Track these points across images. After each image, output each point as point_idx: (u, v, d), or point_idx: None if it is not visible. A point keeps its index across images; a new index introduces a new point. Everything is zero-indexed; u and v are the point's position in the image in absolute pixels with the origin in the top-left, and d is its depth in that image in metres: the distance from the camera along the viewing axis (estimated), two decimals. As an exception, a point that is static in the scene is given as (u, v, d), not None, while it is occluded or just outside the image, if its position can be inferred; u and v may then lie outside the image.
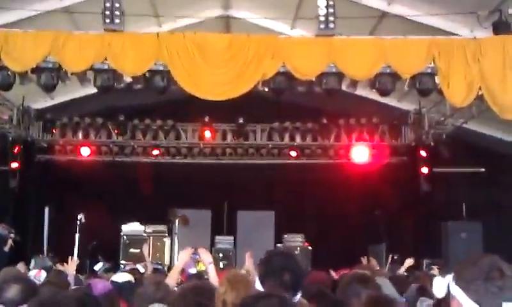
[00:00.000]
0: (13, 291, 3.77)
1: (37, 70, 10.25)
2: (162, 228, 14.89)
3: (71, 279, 6.72)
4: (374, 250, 13.89)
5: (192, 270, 9.14)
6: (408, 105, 15.13)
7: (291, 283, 3.64)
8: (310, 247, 14.90)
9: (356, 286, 3.95)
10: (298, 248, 14.82)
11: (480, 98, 10.23)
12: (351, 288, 3.96)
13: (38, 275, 6.70)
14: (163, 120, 15.47)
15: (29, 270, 8.68)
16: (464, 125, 13.71)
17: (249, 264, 6.34)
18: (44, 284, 5.67)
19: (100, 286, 4.50)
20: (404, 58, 10.17)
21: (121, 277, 6.20)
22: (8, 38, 10.03)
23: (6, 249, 12.24)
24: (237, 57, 10.22)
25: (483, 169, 14.56)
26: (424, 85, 10.35)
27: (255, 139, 15.87)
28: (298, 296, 3.72)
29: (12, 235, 12.46)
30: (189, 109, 13.60)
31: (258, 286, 3.70)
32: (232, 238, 15.19)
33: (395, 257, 12.32)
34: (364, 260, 10.48)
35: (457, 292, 2.42)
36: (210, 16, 13.73)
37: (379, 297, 2.88)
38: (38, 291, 4.05)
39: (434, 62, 10.09)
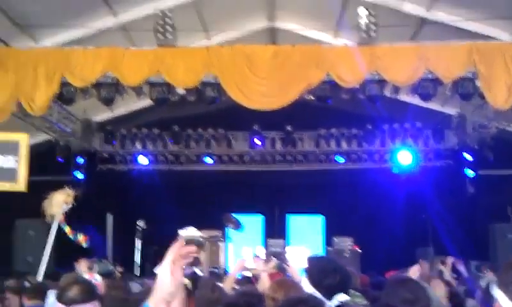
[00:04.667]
0: (73, 291, 3.89)
1: (97, 85, 10.55)
2: (217, 232, 14.94)
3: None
4: (421, 253, 13.67)
5: (247, 273, 9.26)
6: (450, 109, 14.84)
7: (334, 287, 3.63)
8: (359, 250, 14.74)
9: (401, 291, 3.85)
10: (348, 251, 14.70)
11: (522, 101, 10.02)
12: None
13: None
14: (215, 129, 15.60)
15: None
16: (508, 128, 13.38)
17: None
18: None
19: None
20: (445, 63, 10.03)
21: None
22: (69, 56, 10.36)
23: None
24: (283, 67, 10.27)
25: (529, 172, 14.17)
26: (466, 89, 10.24)
27: (303, 146, 15.86)
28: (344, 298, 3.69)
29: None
30: (239, 117, 13.63)
31: (307, 287, 3.69)
32: (283, 241, 15.18)
33: (444, 260, 12.10)
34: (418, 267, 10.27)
35: (499, 295, 2.42)
36: (256, 28, 13.85)
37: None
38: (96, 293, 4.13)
39: (474, 67, 9.93)
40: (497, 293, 2.43)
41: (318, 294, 3.54)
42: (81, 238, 9.20)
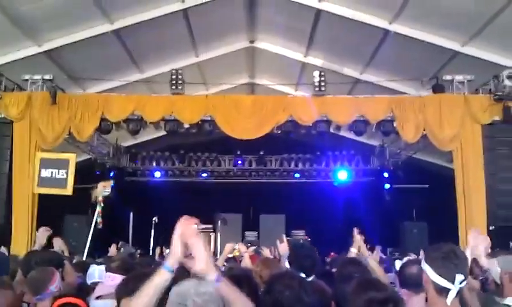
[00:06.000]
0: (115, 264, 3.86)
1: (126, 121, 10.46)
2: (209, 226, 14.83)
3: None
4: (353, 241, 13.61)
5: (230, 255, 9.15)
6: (375, 142, 15.02)
7: (309, 267, 3.61)
8: (309, 239, 14.66)
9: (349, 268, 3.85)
10: (301, 240, 14.60)
11: (424, 136, 10.20)
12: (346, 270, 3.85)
13: None
14: (209, 153, 15.51)
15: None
16: (414, 155, 13.59)
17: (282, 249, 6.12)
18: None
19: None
20: (372, 110, 10.19)
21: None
22: (107, 100, 10.28)
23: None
24: (259, 110, 10.31)
25: (427, 185, 14.36)
26: (386, 128, 10.38)
27: (271, 165, 15.80)
28: (313, 276, 3.67)
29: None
30: (226, 145, 13.58)
31: (287, 265, 3.65)
32: (256, 233, 15.04)
33: (369, 246, 12.10)
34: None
35: (427, 268, 2.46)
36: (241, 83, 13.91)
37: (369, 279, 2.79)
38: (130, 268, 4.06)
39: (392, 113, 10.10)
40: (425, 266, 2.46)
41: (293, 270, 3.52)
42: (100, 221, 8.92)
